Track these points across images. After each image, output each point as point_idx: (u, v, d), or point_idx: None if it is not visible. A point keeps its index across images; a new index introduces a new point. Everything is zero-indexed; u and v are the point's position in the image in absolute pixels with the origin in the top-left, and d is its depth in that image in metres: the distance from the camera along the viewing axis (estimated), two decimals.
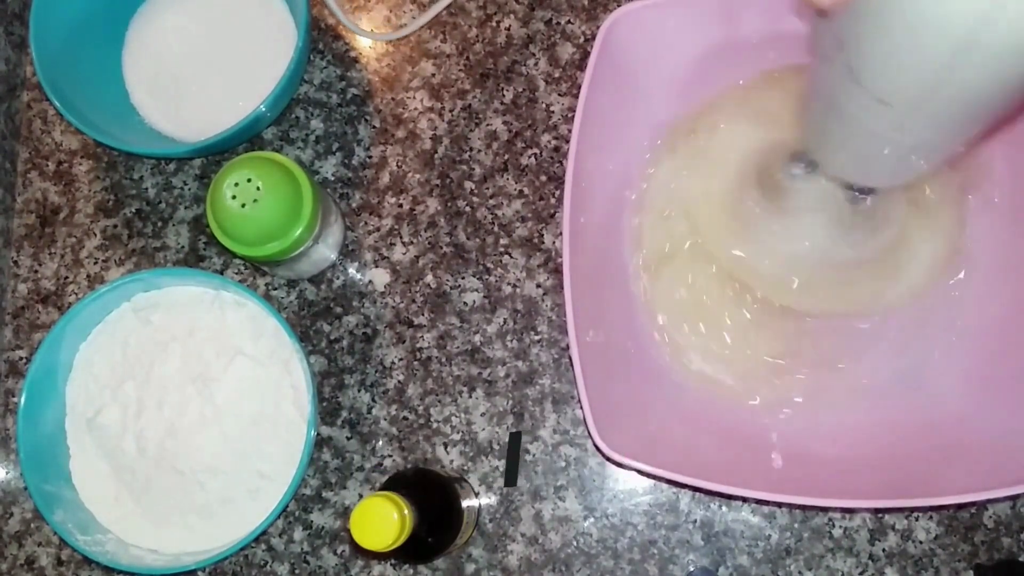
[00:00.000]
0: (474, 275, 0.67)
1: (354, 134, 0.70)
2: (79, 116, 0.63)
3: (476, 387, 0.65)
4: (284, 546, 0.65)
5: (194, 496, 0.62)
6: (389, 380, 0.66)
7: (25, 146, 0.73)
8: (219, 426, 0.62)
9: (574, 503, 0.63)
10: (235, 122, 0.63)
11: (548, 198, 0.67)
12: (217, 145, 0.65)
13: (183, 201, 0.71)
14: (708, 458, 0.57)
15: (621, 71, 0.59)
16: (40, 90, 0.73)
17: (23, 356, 0.70)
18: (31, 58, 0.69)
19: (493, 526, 0.63)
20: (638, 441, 0.55)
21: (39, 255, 0.71)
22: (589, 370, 0.53)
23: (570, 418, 0.64)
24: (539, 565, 0.63)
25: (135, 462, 0.62)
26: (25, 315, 0.70)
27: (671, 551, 0.62)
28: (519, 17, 0.71)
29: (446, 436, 0.65)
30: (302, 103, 0.71)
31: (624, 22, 0.57)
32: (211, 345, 0.63)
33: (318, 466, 0.65)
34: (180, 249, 0.70)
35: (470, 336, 0.66)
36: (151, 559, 0.61)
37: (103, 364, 0.64)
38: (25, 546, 0.67)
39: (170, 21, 0.71)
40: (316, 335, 0.67)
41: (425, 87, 0.70)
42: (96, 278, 0.70)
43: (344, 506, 0.65)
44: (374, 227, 0.69)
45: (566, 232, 0.54)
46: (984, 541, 0.61)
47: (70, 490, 0.63)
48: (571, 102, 0.69)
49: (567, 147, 0.64)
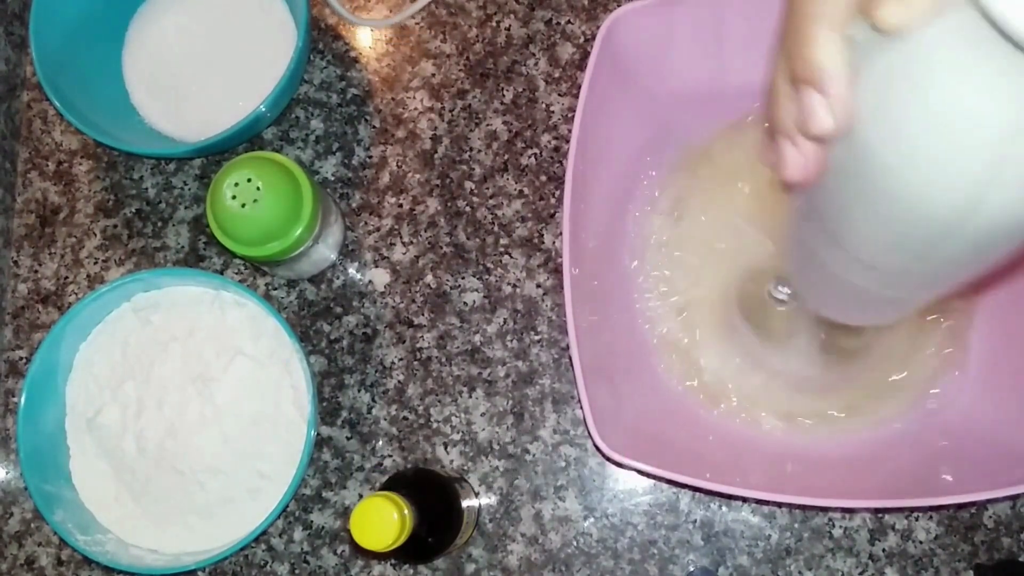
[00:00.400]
0: (474, 275, 0.67)
1: (354, 134, 0.70)
2: (79, 116, 0.63)
3: (476, 387, 0.65)
4: (284, 546, 0.65)
5: (194, 496, 0.62)
6: (389, 380, 0.66)
7: (25, 146, 0.73)
8: (219, 426, 0.62)
9: (574, 503, 0.63)
10: (235, 122, 0.63)
11: (548, 198, 0.67)
12: (217, 145, 0.65)
13: (183, 201, 0.71)
14: (708, 458, 0.57)
15: (621, 71, 0.59)
16: (40, 90, 0.73)
17: (23, 356, 0.70)
18: (31, 58, 0.69)
19: (493, 526, 0.63)
20: (638, 441, 0.55)
21: (39, 255, 0.71)
22: (589, 370, 0.53)
23: (570, 418, 0.64)
24: (539, 565, 0.63)
25: (135, 462, 0.62)
26: (25, 315, 0.70)
27: (671, 551, 0.62)
28: (519, 17, 0.71)
29: (446, 436, 0.65)
30: (302, 103, 0.71)
31: (624, 22, 0.57)
32: (211, 345, 0.63)
33: (318, 466, 0.65)
34: (180, 249, 0.70)
35: (470, 336, 0.66)
36: (151, 559, 0.61)
37: (103, 364, 0.64)
38: (25, 546, 0.67)
39: (170, 21, 0.71)
40: (316, 335, 0.67)
41: (425, 87, 0.70)
42: (96, 278, 0.70)
43: (344, 506, 0.65)
44: (374, 227, 0.69)
45: (566, 232, 0.54)
46: (984, 541, 0.61)
47: (70, 490, 0.63)
48: (571, 102, 0.69)
49: (567, 147, 0.64)
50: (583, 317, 0.55)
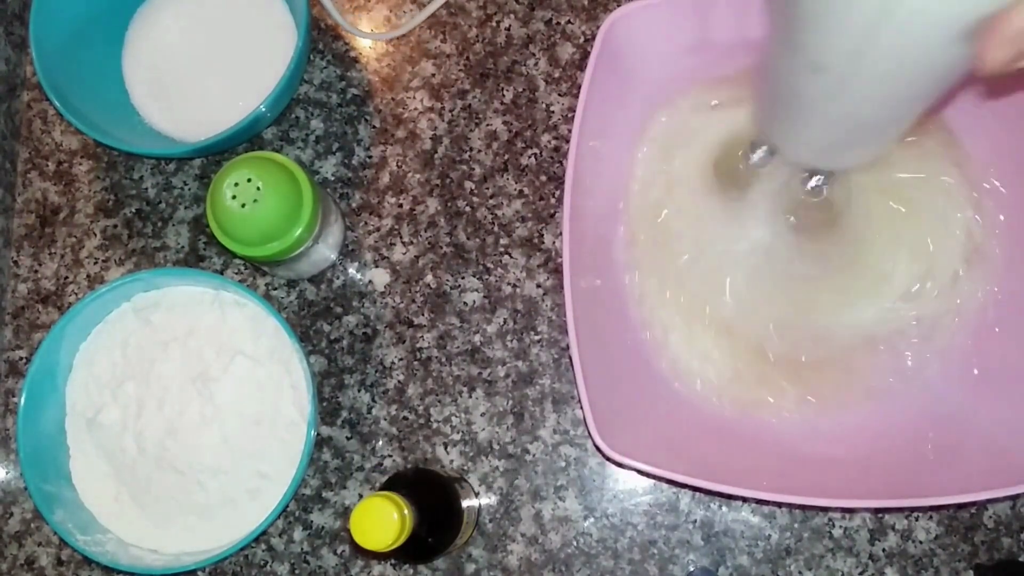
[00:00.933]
0: (474, 275, 0.67)
1: (354, 134, 0.70)
2: (79, 116, 0.63)
3: (476, 387, 0.65)
4: (284, 546, 0.65)
5: (194, 496, 0.62)
6: (389, 380, 0.66)
7: (25, 146, 0.73)
8: (219, 426, 0.62)
9: (574, 503, 0.63)
10: (235, 122, 0.63)
11: (548, 198, 0.67)
12: (217, 145, 0.65)
13: (183, 201, 0.71)
14: (708, 458, 0.57)
15: (621, 71, 0.59)
16: (40, 90, 0.73)
17: (23, 356, 0.70)
18: (31, 58, 0.69)
19: (493, 526, 0.63)
20: (638, 441, 0.55)
21: (39, 255, 0.71)
22: (589, 370, 0.53)
23: (570, 418, 0.64)
24: (539, 565, 0.63)
25: (135, 462, 0.62)
26: (25, 315, 0.70)
27: (671, 551, 0.62)
28: (519, 17, 0.71)
29: (446, 436, 0.65)
30: (302, 103, 0.71)
31: (623, 23, 0.57)
32: (211, 345, 0.63)
33: (318, 466, 0.65)
34: (180, 249, 0.70)
35: (470, 336, 0.66)
36: (151, 559, 0.61)
37: (103, 364, 0.64)
38: (25, 546, 0.67)
39: (170, 21, 0.71)
40: (316, 335, 0.67)
41: (425, 87, 0.70)
42: (96, 278, 0.70)
43: (344, 506, 0.65)
44: (374, 227, 0.68)
45: (566, 232, 0.54)
46: (984, 541, 0.61)
47: (70, 490, 0.63)
48: (571, 102, 0.69)
49: (567, 147, 0.64)
50: (583, 316, 0.55)
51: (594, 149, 0.58)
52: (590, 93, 0.56)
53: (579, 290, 0.55)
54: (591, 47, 0.57)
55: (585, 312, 0.55)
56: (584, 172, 0.57)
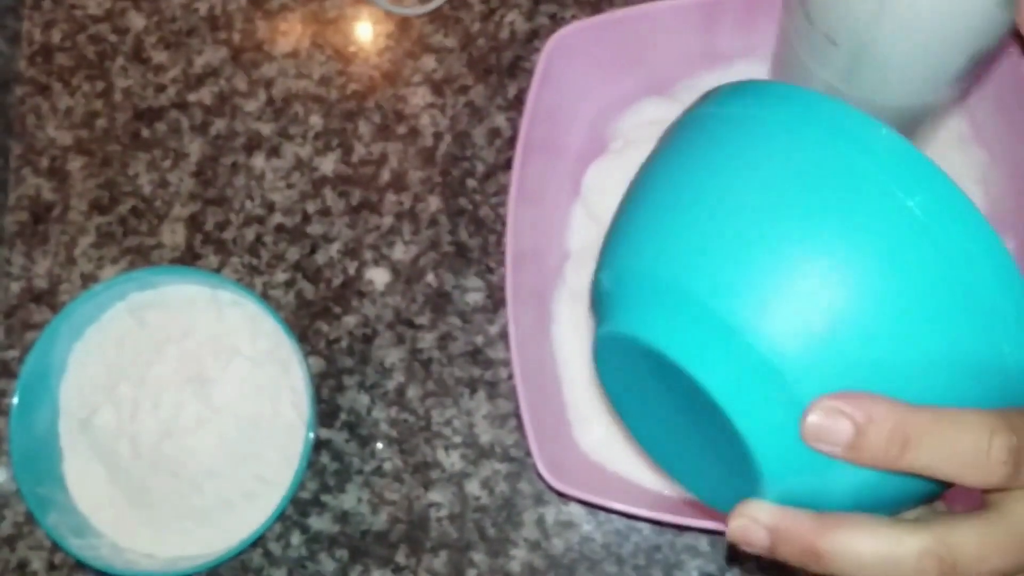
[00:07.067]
0: (476, 275, 0.66)
1: (354, 130, 0.69)
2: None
3: (478, 389, 0.65)
4: (281, 551, 0.64)
5: (190, 499, 0.61)
6: (389, 381, 0.65)
7: (18, 142, 0.72)
8: (216, 428, 0.61)
9: (578, 507, 0.63)
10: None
11: None
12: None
13: (179, 198, 0.70)
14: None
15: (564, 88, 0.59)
16: (33, 85, 0.72)
17: (15, 356, 0.69)
18: (24, 52, 0.68)
19: (495, 531, 0.63)
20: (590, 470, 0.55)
21: (32, 253, 0.70)
22: (532, 396, 0.54)
23: None
24: (542, 571, 0.62)
25: (130, 465, 0.61)
26: (17, 314, 0.69)
27: (677, 556, 0.62)
28: (523, 11, 0.70)
29: (447, 439, 0.64)
30: (301, 98, 0.70)
31: (565, 42, 0.57)
32: (208, 345, 0.63)
33: (316, 469, 0.65)
34: (176, 247, 0.69)
35: (472, 337, 0.65)
36: (146, 563, 0.60)
37: (97, 365, 0.63)
38: (17, 550, 0.66)
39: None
40: (314, 335, 0.66)
41: (426, 83, 0.69)
42: (90, 277, 0.69)
43: (343, 510, 0.64)
44: (374, 225, 0.68)
45: (510, 237, 0.54)
46: None
47: (63, 493, 0.62)
48: None
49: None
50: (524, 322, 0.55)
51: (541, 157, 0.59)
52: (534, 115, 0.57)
53: (520, 296, 0.55)
54: None
55: (527, 318, 0.56)
56: (529, 176, 0.57)
